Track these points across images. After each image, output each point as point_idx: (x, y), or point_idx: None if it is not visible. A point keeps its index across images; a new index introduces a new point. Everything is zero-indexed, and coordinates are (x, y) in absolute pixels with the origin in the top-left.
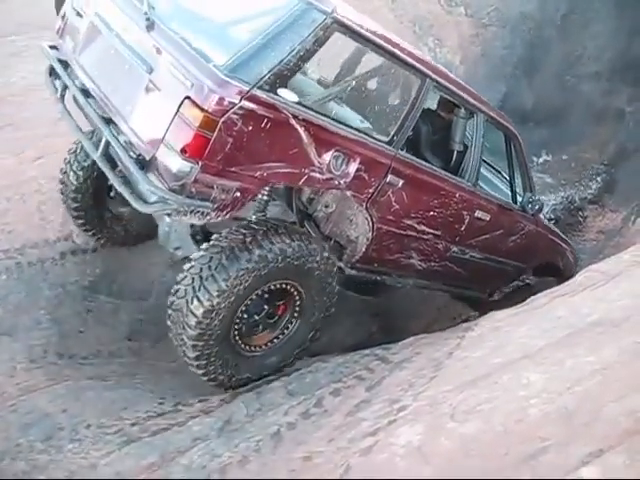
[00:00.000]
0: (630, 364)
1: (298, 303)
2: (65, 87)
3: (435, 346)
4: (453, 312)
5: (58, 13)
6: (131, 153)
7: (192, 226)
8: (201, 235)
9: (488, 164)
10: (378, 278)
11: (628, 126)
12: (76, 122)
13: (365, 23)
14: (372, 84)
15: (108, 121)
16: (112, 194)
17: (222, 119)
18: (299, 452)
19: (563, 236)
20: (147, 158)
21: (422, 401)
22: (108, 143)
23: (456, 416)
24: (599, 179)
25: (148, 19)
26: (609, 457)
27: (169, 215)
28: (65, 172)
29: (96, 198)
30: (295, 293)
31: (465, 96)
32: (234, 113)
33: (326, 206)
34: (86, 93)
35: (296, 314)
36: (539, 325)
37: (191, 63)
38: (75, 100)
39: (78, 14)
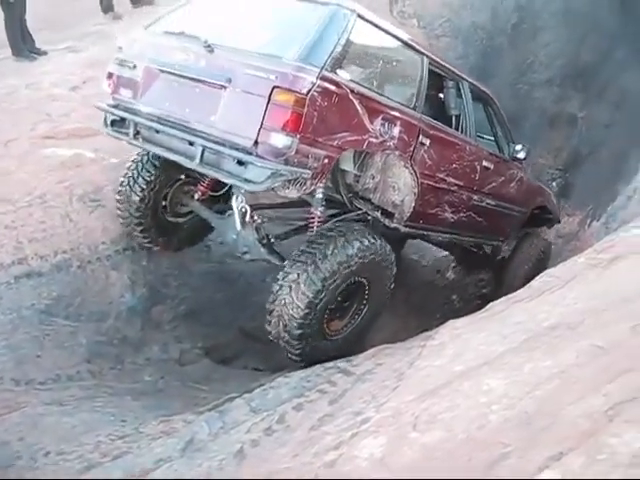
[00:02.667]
0: (587, 366)
1: (367, 292)
2: (136, 129)
3: (397, 356)
4: (416, 321)
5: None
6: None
7: (257, 232)
8: (266, 240)
9: None
10: (424, 234)
11: (581, 131)
12: (162, 147)
13: (379, 20)
14: (387, 65)
15: (196, 135)
16: (165, 205)
17: (308, 96)
18: (263, 469)
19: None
20: (249, 146)
21: (385, 412)
22: (203, 151)
23: (418, 426)
24: (555, 184)
25: (209, 45)
26: (569, 459)
27: (274, 190)
28: (126, 190)
29: (155, 210)
30: (365, 283)
31: (451, 68)
32: (315, 91)
33: (373, 177)
34: (162, 124)
35: (365, 302)
36: (498, 331)
37: (266, 63)
38: (145, 136)
39: (130, 67)
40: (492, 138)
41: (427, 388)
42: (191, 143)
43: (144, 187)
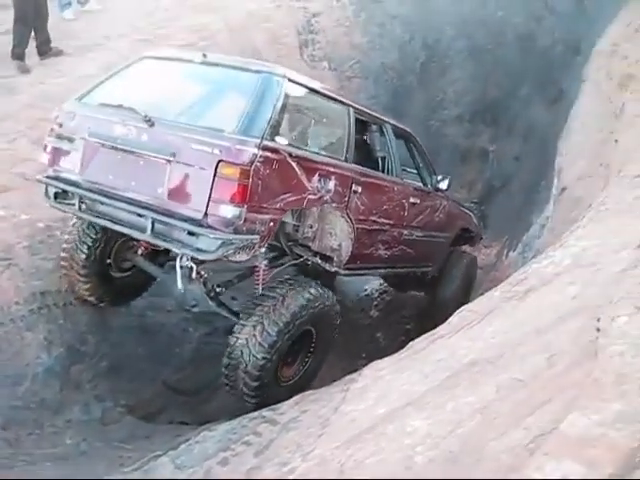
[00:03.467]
0: (507, 400)
1: (314, 340)
2: (80, 200)
3: (321, 402)
4: (342, 362)
5: None
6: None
7: (205, 286)
8: (214, 292)
9: None
10: (362, 273)
11: (492, 164)
12: (110, 219)
13: (305, 79)
14: (318, 122)
15: (143, 207)
16: (109, 262)
17: (252, 167)
18: None
19: (466, 205)
20: (199, 218)
21: (311, 461)
22: (153, 223)
23: (345, 473)
24: None
25: (149, 120)
26: None
27: (226, 257)
28: (72, 247)
29: (101, 266)
30: (313, 332)
31: (374, 114)
32: (257, 162)
33: (310, 227)
34: (107, 196)
35: (312, 349)
36: (420, 370)
37: (209, 137)
38: (91, 208)
39: (68, 140)
40: (415, 171)
41: (352, 433)
42: (140, 215)
43: (90, 245)
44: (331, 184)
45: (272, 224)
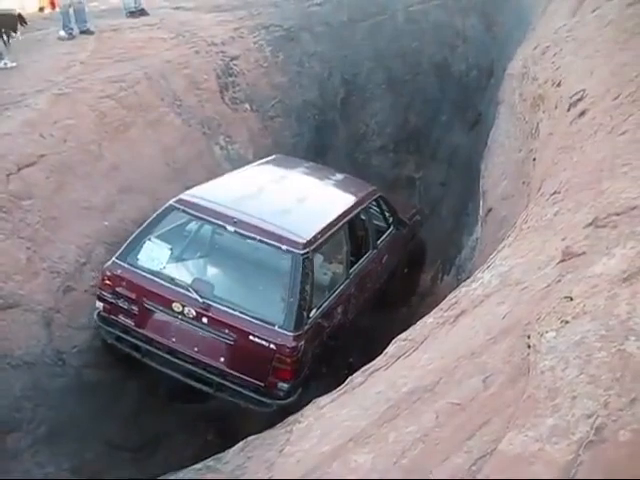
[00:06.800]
0: (447, 426)
1: None
2: (147, 349)
3: (266, 446)
4: None
5: None
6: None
7: None
8: None
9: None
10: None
11: (420, 191)
12: (176, 371)
13: (322, 227)
14: (329, 260)
15: (206, 368)
16: None
17: (299, 355)
18: None
19: (413, 213)
20: (260, 386)
21: None
22: (220, 384)
23: None
24: None
25: (207, 305)
26: None
27: None
28: None
29: None
30: None
31: (358, 210)
32: (303, 347)
33: None
34: (171, 354)
35: None
36: (360, 404)
37: (263, 331)
38: (154, 357)
39: (125, 300)
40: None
41: (298, 474)
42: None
43: None
44: (339, 310)
45: (308, 371)
